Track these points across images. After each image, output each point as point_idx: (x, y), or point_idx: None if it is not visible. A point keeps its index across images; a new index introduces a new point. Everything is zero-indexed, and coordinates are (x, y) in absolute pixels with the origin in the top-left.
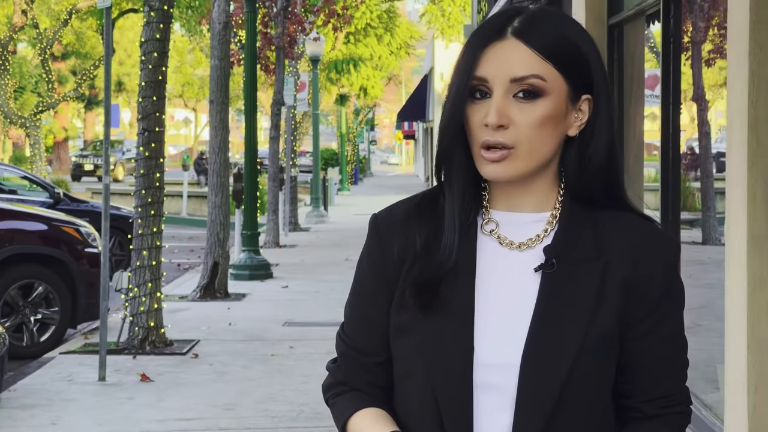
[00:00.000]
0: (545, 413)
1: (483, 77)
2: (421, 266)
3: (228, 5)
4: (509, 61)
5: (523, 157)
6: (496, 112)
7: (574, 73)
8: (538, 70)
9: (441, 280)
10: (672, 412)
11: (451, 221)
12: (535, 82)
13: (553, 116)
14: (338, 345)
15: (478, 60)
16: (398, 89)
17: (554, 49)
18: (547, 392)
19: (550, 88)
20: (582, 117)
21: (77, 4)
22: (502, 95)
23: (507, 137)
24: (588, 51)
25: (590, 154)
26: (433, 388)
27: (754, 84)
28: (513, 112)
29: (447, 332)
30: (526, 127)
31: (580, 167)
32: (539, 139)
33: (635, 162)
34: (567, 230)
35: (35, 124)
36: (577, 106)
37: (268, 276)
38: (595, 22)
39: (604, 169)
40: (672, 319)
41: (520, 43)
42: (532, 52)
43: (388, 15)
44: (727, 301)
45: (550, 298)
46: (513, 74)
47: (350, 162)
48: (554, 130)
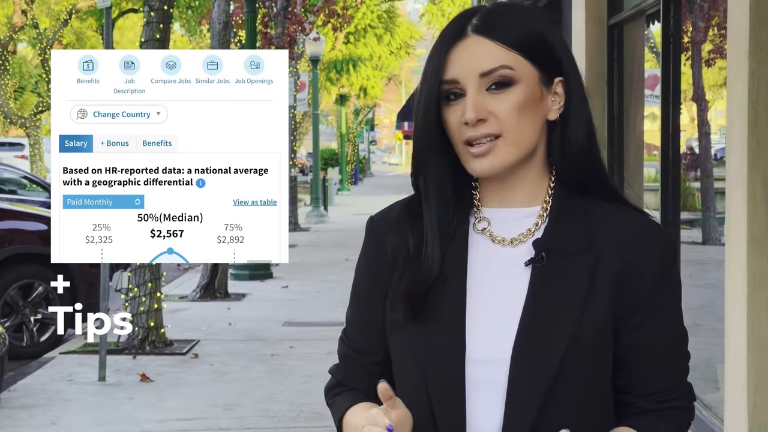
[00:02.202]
0: (535, 407)
1: (453, 79)
2: (410, 275)
3: (228, 5)
4: (475, 57)
5: (509, 144)
6: (473, 108)
7: (542, 58)
8: (504, 60)
9: (429, 289)
10: (670, 406)
11: (431, 230)
12: (505, 72)
13: (529, 101)
14: (339, 347)
15: (444, 63)
16: (398, 89)
17: (517, 37)
18: (537, 386)
19: (519, 76)
20: (559, 100)
21: (77, 4)
22: (475, 91)
23: (489, 128)
24: (550, 36)
25: (571, 135)
26: (426, 387)
27: (754, 84)
28: (490, 105)
29: (437, 338)
30: (505, 116)
31: (563, 152)
32: (521, 125)
33: (635, 162)
34: (557, 223)
35: (35, 124)
36: (551, 89)
37: (268, 276)
38: (595, 22)
39: (585, 152)
40: (667, 312)
41: (481, 38)
42: (496, 44)
43: (388, 15)
44: (727, 301)
45: (541, 292)
46: (481, 69)
47: (350, 162)
48: (533, 114)
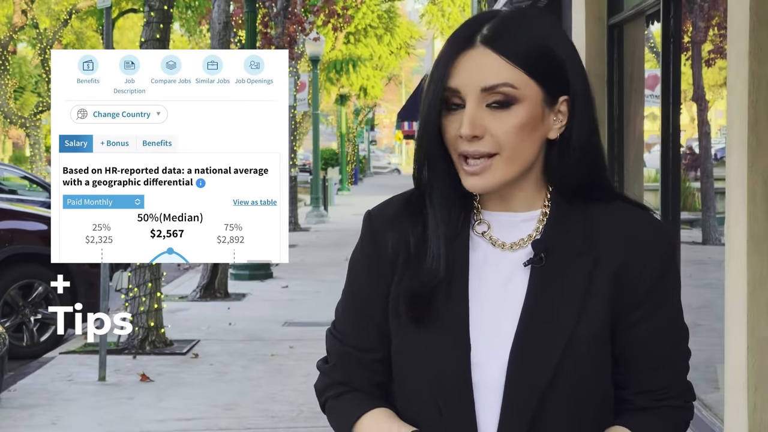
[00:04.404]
0: (531, 407)
1: (455, 88)
2: (412, 276)
3: (228, 5)
4: (479, 70)
5: (504, 163)
6: (469, 123)
7: (548, 76)
8: (508, 78)
9: (432, 292)
10: (666, 405)
11: (435, 231)
12: (507, 91)
13: (529, 122)
14: (332, 345)
15: (450, 70)
16: (398, 89)
17: (524, 54)
18: (533, 386)
19: (522, 95)
20: (562, 119)
21: (77, 4)
22: (475, 105)
23: (484, 146)
24: (560, 51)
25: (571, 153)
26: (432, 392)
27: (754, 84)
28: (488, 122)
29: (440, 345)
30: (503, 136)
31: (562, 167)
32: (518, 146)
33: (635, 162)
34: (556, 225)
35: (35, 124)
36: (555, 108)
37: (268, 276)
38: (595, 22)
39: (588, 166)
40: (666, 309)
41: (488, 50)
42: (502, 60)
43: (388, 15)
44: (727, 301)
45: (539, 293)
46: (483, 83)
47: (350, 162)
48: (532, 135)
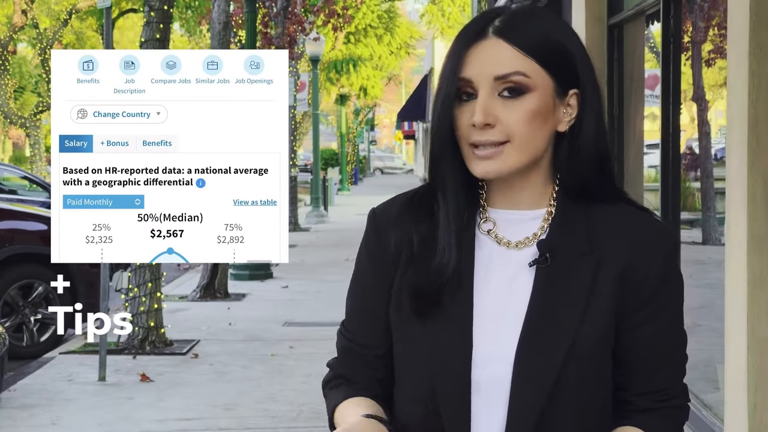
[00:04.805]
0: (539, 407)
1: (467, 78)
2: (418, 271)
3: (228, 5)
4: (491, 59)
5: (515, 150)
6: (481, 111)
7: (559, 69)
8: (520, 66)
9: (439, 287)
10: (667, 406)
11: (447, 226)
12: (519, 79)
13: (541, 112)
14: (339, 341)
15: (462, 61)
16: (398, 89)
17: (536, 45)
18: (540, 386)
19: (534, 84)
20: (571, 112)
21: (77, 4)
22: (487, 94)
23: (495, 135)
24: (571, 46)
25: (579, 147)
26: (431, 387)
27: (754, 84)
28: (499, 111)
29: (445, 337)
30: (514, 125)
31: (570, 161)
32: (529, 135)
33: (635, 162)
34: (561, 225)
35: (35, 124)
36: (565, 101)
37: (268, 276)
38: (595, 22)
39: (594, 162)
40: (669, 312)
41: (501, 41)
42: (514, 50)
43: (388, 15)
44: (727, 301)
45: (544, 293)
46: (496, 72)
47: (350, 162)
48: (543, 125)
